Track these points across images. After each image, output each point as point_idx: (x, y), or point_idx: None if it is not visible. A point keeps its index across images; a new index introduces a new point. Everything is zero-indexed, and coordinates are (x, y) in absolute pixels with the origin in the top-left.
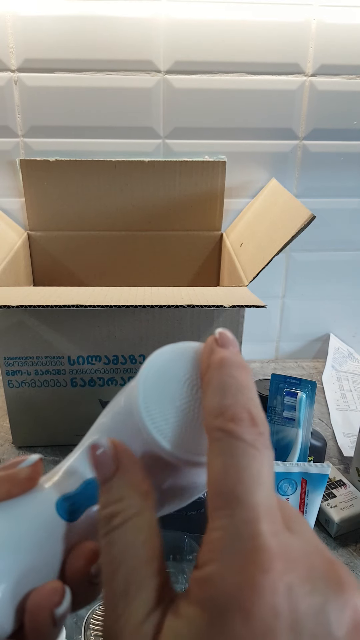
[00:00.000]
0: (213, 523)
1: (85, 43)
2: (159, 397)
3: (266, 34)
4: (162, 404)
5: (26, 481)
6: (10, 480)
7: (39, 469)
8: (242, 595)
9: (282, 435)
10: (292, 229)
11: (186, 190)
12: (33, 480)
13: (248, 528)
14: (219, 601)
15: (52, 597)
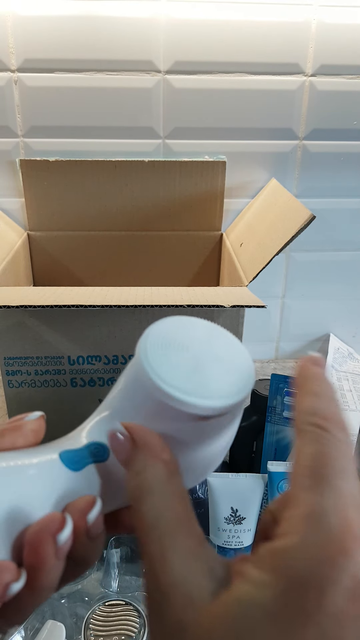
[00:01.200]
0: (299, 500)
1: (85, 43)
2: (162, 353)
3: (266, 34)
4: (164, 357)
5: (31, 433)
6: (15, 431)
7: (43, 424)
8: (320, 571)
9: (282, 435)
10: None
11: (186, 190)
12: (37, 433)
13: (337, 511)
14: (296, 572)
15: (52, 524)
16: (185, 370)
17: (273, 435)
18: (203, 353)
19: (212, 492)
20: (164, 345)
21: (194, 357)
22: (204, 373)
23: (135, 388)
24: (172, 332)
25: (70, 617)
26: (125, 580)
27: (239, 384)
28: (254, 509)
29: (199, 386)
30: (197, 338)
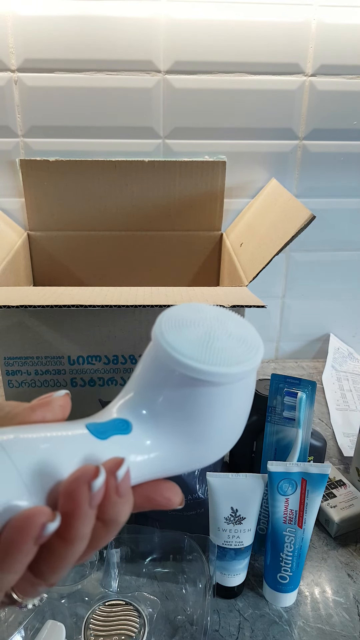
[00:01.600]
0: None
1: (85, 43)
2: (176, 329)
3: (266, 34)
4: (179, 333)
5: (59, 408)
6: (44, 406)
7: (69, 401)
8: None
9: (282, 435)
10: (292, 229)
11: (186, 190)
12: (64, 409)
13: None
14: None
15: (88, 472)
16: (198, 342)
17: (273, 435)
18: (214, 329)
19: (212, 492)
20: (177, 324)
21: (206, 332)
22: (217, 344)
23: (155, 366)
24: (185, 314)
25: (70, 617)
26: (125, 580)
27: (250, 353)
28: (254, 509)
29: (213, 355)
30: (208, 317)
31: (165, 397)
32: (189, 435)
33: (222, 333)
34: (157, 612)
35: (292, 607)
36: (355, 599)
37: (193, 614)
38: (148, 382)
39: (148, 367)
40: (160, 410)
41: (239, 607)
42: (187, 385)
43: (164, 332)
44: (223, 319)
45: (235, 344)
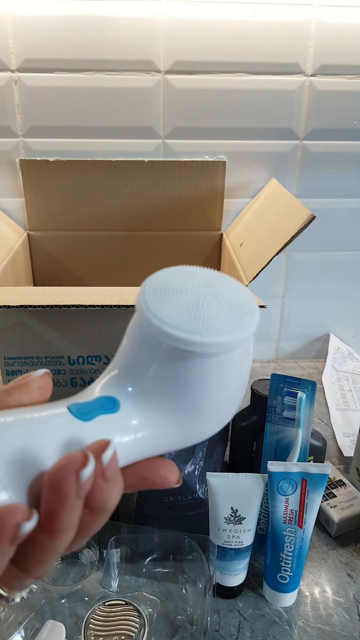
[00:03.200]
0: None
1: (85, 43)
2: (161, 297)
3: (266, 34)
4: (164, 301)
5: (37, 390)
6: (21, 388)
7: (49, 381)
8: None
9: (282, 435)
10: (292, 229)
11: (186, 190)
12: (44, 390)
13: None
14: None
15: (75, 461)
16: (187, 310)
17: (273, 435)
18: (204, 294)
19: (212, 492)
20: (163, 291)
21: (195, 298)
22: (207, 311)
23: (140, 339)
24: (171, 279)
25: (70, 617)
26: (125, 580)
27: (244, 319)
28: (254, 509)
29: (203, 324)
30: (197, 282)
31: (154, 372)
32: (182, 410)
33: (213, 298)
34: (157, 612)
35: (292, 607)
36: (355, 599)
37: (193, 614)
38: (134, 357)
39: (133, 340)
40: (149, 386)
41: (239, 607)
42: (176, 358)
43: (148, 301)
44: (214, 283)
45: (228, 309)
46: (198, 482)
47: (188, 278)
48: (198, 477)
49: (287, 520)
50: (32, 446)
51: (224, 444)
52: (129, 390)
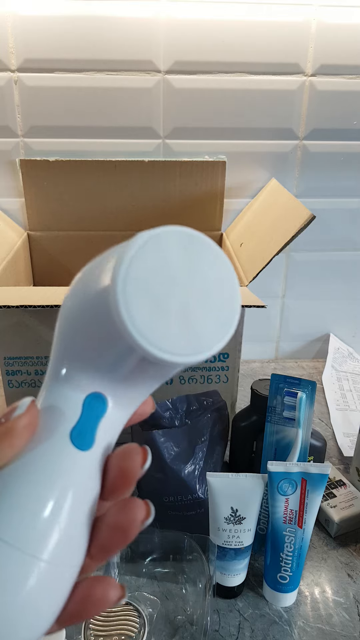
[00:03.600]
0: None
1: (85, 43)
2: (147, 309)
3: (266, 34)
4: (152, 316)
5: (25, 431)
6: (7, 435)
7: (35, 412)
8: None
9: (282, 435)
10: (292, 229)
11: (186, 190)
12: (31, 426)
13: None
14: None
15: (140, 511)
16: (174, 327)
17: (273, 435)
18: (188, 294)
19: (212, 492)
20: (149, 301)
21: (181, 306)
22: (193, 322)
23: (116, 347)
24: (153, 274)
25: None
26: (125, 580)
27: (224, 333)
28: (254, 509)
29: (189, 342)
30: (181, 275)
31: (127, 373)
32: (152, 388)
33: (198, 299)
34: (157, 612)
35: (292, 607)
36: (355, 599)
37: (193, 614)
38: (104, 359)
39: (104, 341)
40: (120, 384)
41: (239, 607)
42: (152, 369)
43: (134, 313)
44: (196, 269)
45: (212, 320)
46: (198, 482)
47: (168, 263)
48: (198, 477)
49: (287, 520)
50: (65, 522)
51: (224, 444)
52: (103, 385)
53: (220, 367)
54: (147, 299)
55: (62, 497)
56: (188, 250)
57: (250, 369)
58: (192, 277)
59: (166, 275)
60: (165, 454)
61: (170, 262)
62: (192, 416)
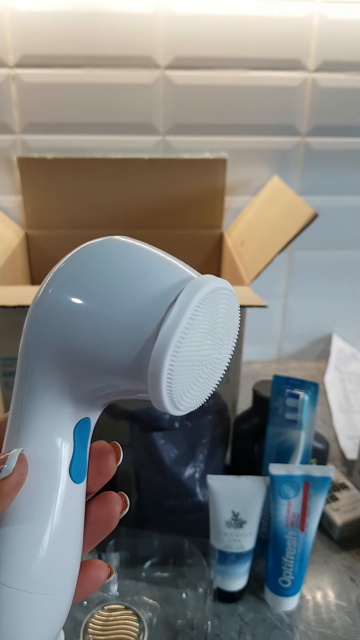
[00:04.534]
0: None
1: (84, 38)
2: (184, 383)
3: (267, 29)
4: (185, 383)
5: (14, 490)
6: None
7: (24, 468)
8: None
9: (284, 437)
10: (294, 227)
11: (186, 188)
12: (21, 484)
13: None
14: None
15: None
16: (193, 391)
17: (275, 437)
18: (213, 362)
19: (213, 495)
20: (186, 371)
21: (206, 375)
22: (204, 387)
23: (122, 381)
24: (196, 343)
25: (68, 621)
26: (125, 584)
27: (208, 390)
28: (256, 513)
29: (195, 402)
30: (217, 338)
31: (118, 398)
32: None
33: (213, 370)
34: (156, 616)
35: (294, 611)
36: (357, 603)
37: (193, 618)
38: (106, 391)
39: (115, 377)
40: (105, 405)
41: (240, 612)
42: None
43: (173, 392)
44: (228, 336)
45: (209, 386)
46: (199, 485)
47: (213, 335)
48: (199, 480)
49: (289, 523)
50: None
51: (224, 446)
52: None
53: None
54: (186, 375)
55: (67, 533)
56: (228, 314)
57: (251, 370)
58: (223, 341)
59: (208, 344)
60: (165, 456)
61: (214, 329)
62: (193, 418)
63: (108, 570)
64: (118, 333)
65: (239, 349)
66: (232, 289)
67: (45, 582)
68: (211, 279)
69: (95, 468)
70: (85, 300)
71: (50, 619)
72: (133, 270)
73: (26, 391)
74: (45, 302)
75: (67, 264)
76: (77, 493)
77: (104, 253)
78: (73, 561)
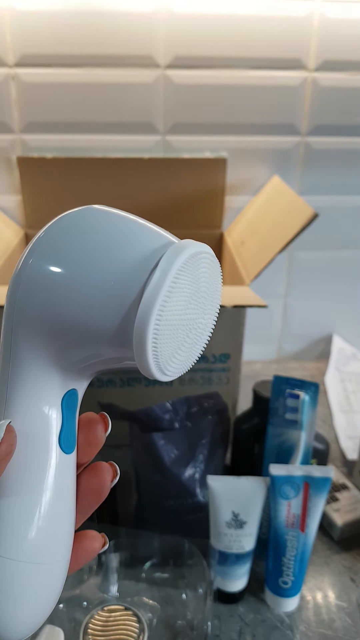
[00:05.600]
0: None
1: (83, 38)
2: (170, 348)
3: (268, 28)
4: (172, 352)
5: (4, 460)
6: None
7: (13, 438)
8: None
9: (284, 437)
10: (294, 227)
11: (186, 188)
12: (10, 454)
13: None
14: None
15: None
16: (180, 356)
17: (275, 437)
18: (198, 324)
19: (213, 496)
20: (171, 336)
21: (192, 339)
22: (190, 351)
23: (108, 349)
24: (180, 305)
25: (68, 622)
26: (125, 585)
27: (197, 351)
28: (256, 513)
29: (183, 367)
30: (201, 301)
31: (105, 369)
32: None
33: (199, 332)
34: (156, 617)
35: (294, 612)
36: (358, 604)
37: (193, 619)
38: (92, 359)
39: (100, 344)
40: (92, 376)
41: (240, 612)
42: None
43: (159, 357)
44: (211, 298)
45: (196, 349)
46: (198, 485)
47: (196, 299)
48: (199, 480)
49: (289, 524)
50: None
51: (225, 446)
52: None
53: (221, 368)
54: (171, 339)
55: (59, 503)
56: (210, 278)
57: (251, 370)
58: (206, 306)
59: (192, 308)
60: (165, 457)
61: (197, 292)
62: (193, 418)
63: (102, 540)
64: (101, 299)
65: (239, 349)
66: (212, 253)
67: (40, 552)
68: (192, 243)
69: (85, 439)
70: (66, 268)
71: (47, 588)
72: (113, 236)
73: (11, 364)
74: (26, 272)
75: (47, 232)
76: (68, 463)
77: (84, 220)
78: (67, 531)
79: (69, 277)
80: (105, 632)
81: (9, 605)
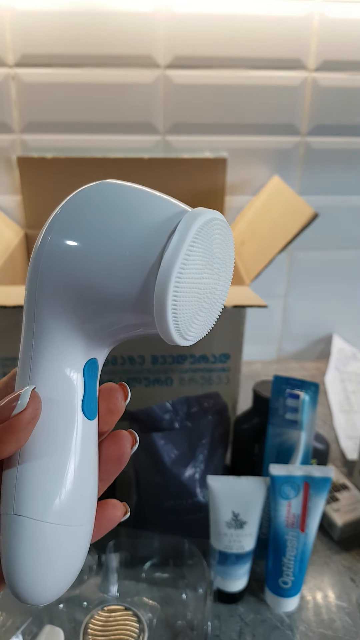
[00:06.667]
0: None
1: (83, 38)
2: (189, 316)
3: (268, 28)
4: (191, 313)
5: (30, 425)
6: (11, 430)
7: (38, 404)
8: None
9: (284, 437)
10: (294, 227)
11: (186, 188)
12: (36, 418)
13: None
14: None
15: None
16: (199, 320)
17: (275, 437)
18: (215, 288)
19: (213, 496)
20: (190, 300)
21: (210, 302)
22: (208, 314)
23: (129, 317)
24: (197, 271)
25: (68, 622)
26: (125, 585)
27: (215, 315)
28: (256, 513)
29: (201, 332)
30: (216, 265)
31: (126, 338)
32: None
33: (216, 296)
34: (156, 617)
35: (294, 612)
36: (358, 604)
37: (193, 619)
38: (112, 329)
39: (122, 314)
40: (113, 345)
41: (240, 612)
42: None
43: (179, 322)
44: (226, 261)
45: (214, 312)
46: (199, 485)
47: (211, 264)
48: (199, 480)
49: (289, 524)
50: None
51: (225, 446)
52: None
53: (221, 368)
54: (189, 303)
55: (84, 466)
56: (224, 244)
57: (251, 370)
58: (220, 272)
59: (207, 273)
60: (165, 457)
61: (212, 258)
62: (193, 418)
63: (124, 509)
64: (122, 266)
65: (239, 349)
66: (224, 219)
67: (67, 514)
68: (206, 210)
69: (106, 407)
70: (86, 239)
71: (72, 552)
72: (130, 205)
73: (35, 336)
74: (46, 248)
75: (63, 208)
76: (91, 429)
77: (99, 193)
78: (91, 494)
79: (89, 248)
80: (105, 632)
81: (35, 569)
